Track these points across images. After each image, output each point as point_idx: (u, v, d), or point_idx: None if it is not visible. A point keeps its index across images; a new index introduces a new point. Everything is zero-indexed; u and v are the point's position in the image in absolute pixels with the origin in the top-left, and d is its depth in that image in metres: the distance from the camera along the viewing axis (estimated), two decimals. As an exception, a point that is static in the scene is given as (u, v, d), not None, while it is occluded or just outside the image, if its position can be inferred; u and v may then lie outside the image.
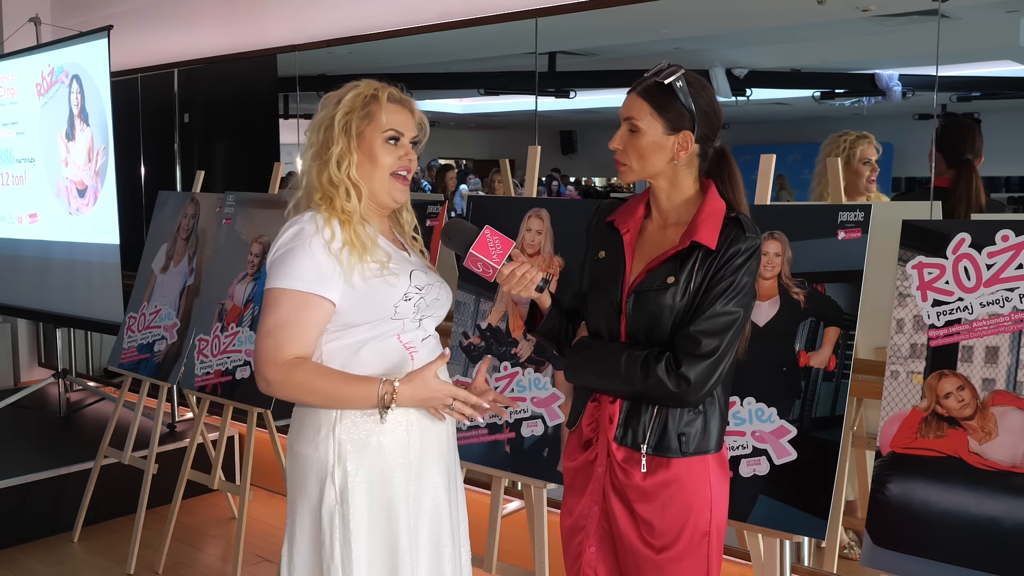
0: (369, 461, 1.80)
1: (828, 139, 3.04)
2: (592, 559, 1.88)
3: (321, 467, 1.81)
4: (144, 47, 5.16)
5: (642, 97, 1.79)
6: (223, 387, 3.40)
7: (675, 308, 1.77)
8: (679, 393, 1.73)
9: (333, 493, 1.79)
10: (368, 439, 1.80)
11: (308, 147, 1.89)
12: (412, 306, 1.83)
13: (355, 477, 1.79)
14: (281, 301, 1.77)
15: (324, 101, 1.90)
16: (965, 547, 1.91)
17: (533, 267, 1.87)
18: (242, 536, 3.22)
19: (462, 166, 5.14)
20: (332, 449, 1.80)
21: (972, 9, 2.75)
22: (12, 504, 3.78)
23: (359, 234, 1.80)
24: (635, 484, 1.80)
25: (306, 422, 1.85)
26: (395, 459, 1.82)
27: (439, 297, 1.93)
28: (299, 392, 1.78)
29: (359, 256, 1.78)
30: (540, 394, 2.64)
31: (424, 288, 1.86)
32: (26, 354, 5.90)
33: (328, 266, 1.77)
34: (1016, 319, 1.96)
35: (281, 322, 1.76)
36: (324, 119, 1.85)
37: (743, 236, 1.75)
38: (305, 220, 1.81)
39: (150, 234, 4.09)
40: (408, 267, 1.86)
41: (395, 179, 1.87)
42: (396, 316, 1.82)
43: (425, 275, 1.90)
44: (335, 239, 1.78)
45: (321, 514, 1.80)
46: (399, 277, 1.82)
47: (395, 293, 1.81)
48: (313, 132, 1.88)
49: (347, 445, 1.80)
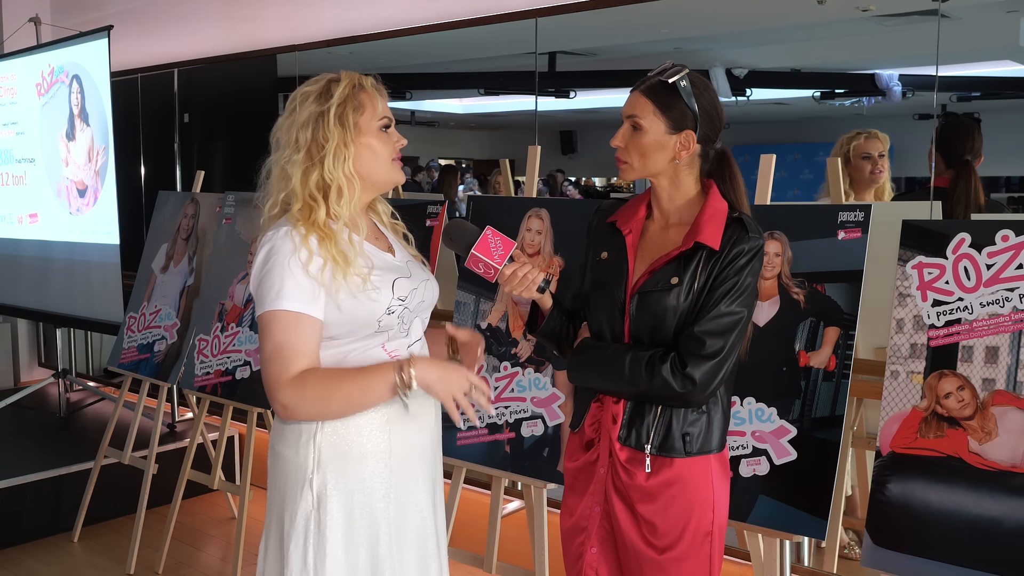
0: (349, 469, 1.77)
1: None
2: (593, 560, 1.88)
3: (300, 471, 1.77)
4: (144, 47, 5.16)
5: (646, 95, 1.79)
6: (223, 387, 3.40)
7: (679, 309, 1.77)
8: (684, 394, 1.74)
9: (311, 498, 1.76)
10: (349, 447, 1.77)
11: (293, 150, 1.77)
12: (396, 318, 1.79)
13: (334, 485, 1.76)
14: (273, 324, 1.71)
15: (301, 98, 1.80)
16: (965, 547, 1.91)
17: (535, 268, 1.87)
18: (242, 536, 3.21)
19: (462, 166, 5.14)
20: (312, 456, 1.77)
21: (972, 9, 2.75)
22: (12, 504, 3.78)
23: (340, 247, 1.73)
24: (638, 484, 1.80)
25: (287, 426, 1.81)
26: (376, 467, 1.79)
27: (424, 299, 1.87)
28: (318, 405, 1.72)
29: (342, 273, 1.72)
30: (540, 394, 2.64)
31: (408, 296, 1.81)
32: (26, 354, 5.90)
33: (309, 287, 1.70)
34: (1016, 319, 1.96)
35: (279, 344, 1.70)
36: (312, 115, 1.77)
37: (746, 236, 1.76)
38: (279, 237, 1.73)
39: (150, 234, 4.09)
40: (391, 275, 1.80)
41: (395, 163, 1.85)
42: (380, 329, 1.78)
43: (408, 280, 1.83)
44: (313, 259, 1.71)
45: (297, 517, 1.77)
46: (381, 291, 1.76)
47: (378, 308, 1.76)
48: (298, 131, 1.77)
49: (327, 452, 1.76)
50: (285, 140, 1.80)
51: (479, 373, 1.90)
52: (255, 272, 1.76)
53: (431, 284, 1.92)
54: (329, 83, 1.81)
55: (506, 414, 2.68)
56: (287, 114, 1.81)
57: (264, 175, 1.85)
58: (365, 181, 1.82)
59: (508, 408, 2.68)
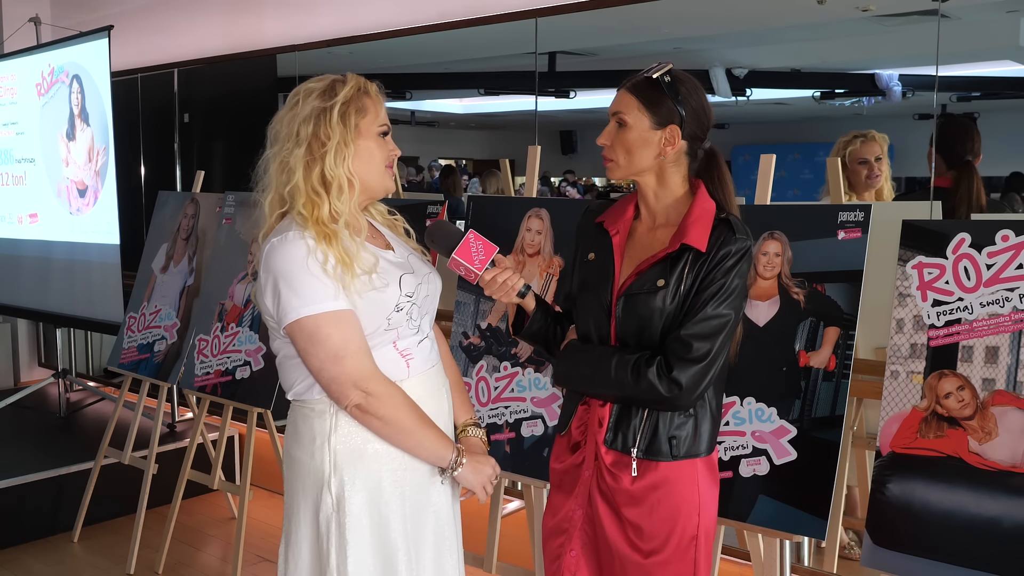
0: (366, 469, 1.78)
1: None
2: (572, 563, 1.86)
3: (318, 475, 1.78)
4: (144, 47, 5.17)
5: (630, 92, 1.79)
6: (223, 387, 3.40)
7: (665, 311, 1.75)
8: (670, 397, 1.72)
9: (330, 501, 1.77)
10: (364, 446, 1.78)
11: (293, 144, 1.77)
12: (405, 315, 1.80)
13: (352, 486, 1.77)
14: (325, 325, 1.71)
15: (304, 94, 1.79)
16: (965, 547, 1.91)
17: (515, 273, 1.86)
18: (242, 536, 3.22)
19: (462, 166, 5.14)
20: (328, 459, 1.77)
21: (972, 9, 2.75)
22: (12, 504, 3.78)
23: (346, 247, 1.75)
24: (623, 488, 1.79)
25: (301, 429, 1.82)
26: (391, 465, 1.80)
27: (430, 293, 1.89)
28: (398, 409, 1.76)
29: (351, 273, 1.73)
30: (540, 394, 2.64)
31: (415, 292, 1.82)
32: (26, 354, 5.90)
33: (332, 286, 1.72)
34: (1016, 319, 1.96)
35: (343, 342, 1.71)
36: (315, 110, 1.76)
37: (733, 238, 1.74)
38: (290, 241, 1.73)
39: (150, 234, 4.09)
40: (396, 272, 1.81)
41: (388, 169, 1.86)
42: (390, 327, 1.79)
43: (413, 276, 1.84)
44: (328, 260, 1.72)
45: (319, 520, 1.79)
46: (388, 287, 1.77)
47: (387, 305, 1.77)
48: (300, 125, 1.77)
49: (343, 455, 1.77)
50: (285, 133, 1.79)
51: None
52: (269, 280, 1.75)
53: (434, 277, 1.93)
54: (334, 82, 1.82)
55: (506, 414, 2.68)
56: (288, 107, 1.81)
57: (262, 169, 1.84)
58: (361, 183, 1.83)
59: (508, 408, 2.68)
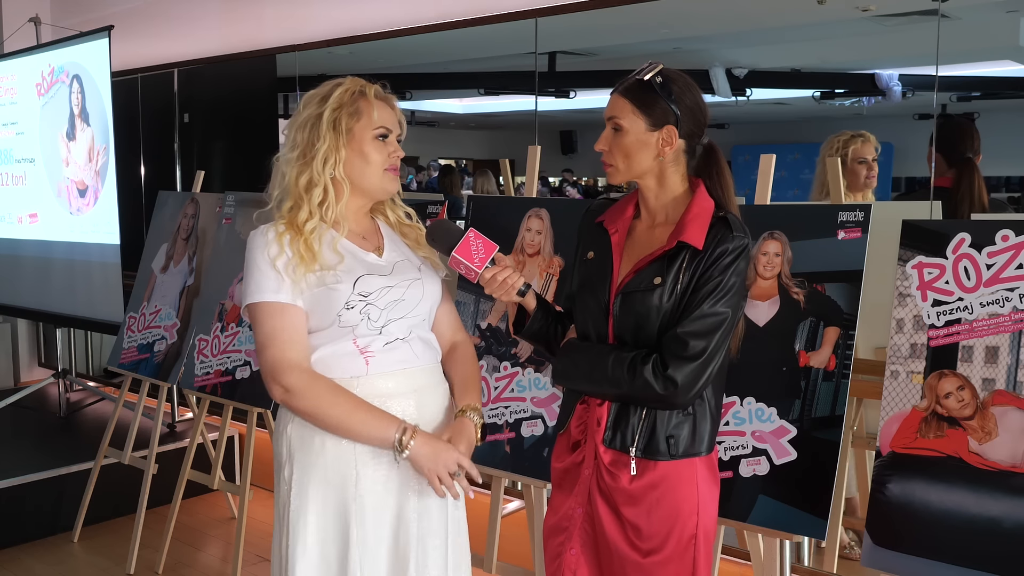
0: (311, 461, 1.81)
1: (826, 141, 3.04)
2: (572, 561, 1.86)
3: (279, 461, 1.87)
4: (144, 47, 5.17)
5: (623, 96, 1.79)
6: (223, 387, 3.40)
7: (662, 309, 1.75)
8: (666, 395, 1.72)
9: (284, 488, 1.84)
10: (312, 437, 1.81)
11: (291, 148, 1.85)
12: (358, 313, 1.80)
13: (300, 475, 1.82)
14: (259, 315, 1.80)
15: (307, 100, 1.87)
16: (965, 547, 1.91)
17: (515, 272, 1.87)
18: (242, 536, 3.22)
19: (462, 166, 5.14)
20: (284, 445, 1.85)
21: (972, 9, 2.75)
22: (12, 504, 3.78)
23: (310, 245, 1.79)
24: (622, 487, 1.79)
25: (278, 416, 1.91)
26: (338, 461, 1.80)
27: (404, 298, 1.86)
28: (321, 400, 1.76)
29: (306, 267, 1.78)
30: (540, 394, 2.64)
31: (373, 293, 1.81)
32: (26, 354, 5.90)
33: (275, 277, 1.78)
34: (1016, 319, 1.96)
35: (271, 331, 1.78)
36: (310, 117, 1.83)
37: (731, 236, 1.74)
38: (256, 235, 1.83)
39: (150, 234, 4.09)
40: (357, 272, 1.82)
41: (388, 172, 1.87)
42: (343, 324, 1.80)
43: (381, 278, 1.84)
44: (281, 254, 1.78)
45: (278, 505, 1.87)
46: (340, 285, 1.79)
47: (336, 302, 1.79)
48: (297, 131, 1.84)
49: (295, 442, 1.83)
50: (288, 139, 1.87)
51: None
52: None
53: (419, 285, 1.90)
54: (334, 87, 1.85)
55: (506, 414, 2.68)
56: (295, 114, 1.88)
57: (274, 172, 1.92)
58: (355, 187, 1.86)
59: (508, 408, 2.68)
